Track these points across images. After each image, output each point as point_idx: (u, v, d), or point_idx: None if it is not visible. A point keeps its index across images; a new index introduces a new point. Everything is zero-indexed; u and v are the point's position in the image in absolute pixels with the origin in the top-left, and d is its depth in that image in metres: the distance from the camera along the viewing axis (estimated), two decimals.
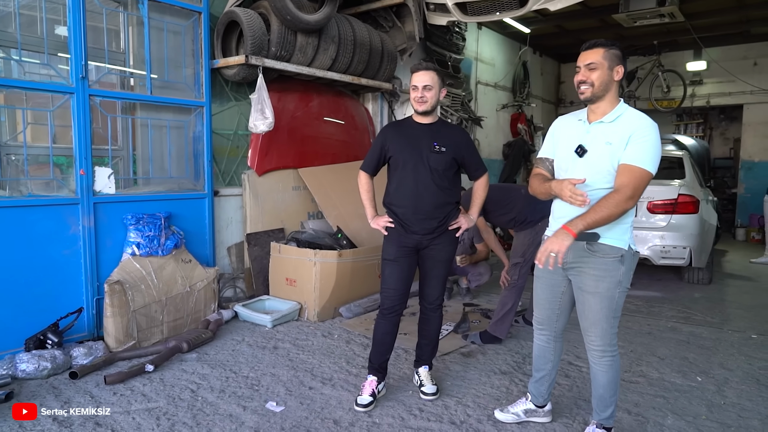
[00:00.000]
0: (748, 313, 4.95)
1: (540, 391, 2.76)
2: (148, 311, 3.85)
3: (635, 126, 2.24)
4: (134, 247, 3.92)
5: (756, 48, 10.04)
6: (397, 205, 3.00)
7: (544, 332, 2.67)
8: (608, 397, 2.47)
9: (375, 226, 3.08)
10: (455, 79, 7.83)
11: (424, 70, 2.92)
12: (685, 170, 5.95)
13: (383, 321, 3.04)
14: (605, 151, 2.27)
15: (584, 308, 2.41)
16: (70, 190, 3.76)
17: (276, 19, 4.58)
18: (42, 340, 3.45)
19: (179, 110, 4.44)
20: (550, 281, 2.56)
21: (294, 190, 5.35)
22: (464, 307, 4.91)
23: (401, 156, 2.97)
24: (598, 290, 2.34)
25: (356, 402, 2.95)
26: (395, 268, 3.01)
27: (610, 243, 2.31)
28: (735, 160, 11.44)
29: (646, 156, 2.20)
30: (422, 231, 2.96)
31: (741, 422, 2.85)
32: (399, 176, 2.99)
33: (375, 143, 3.11)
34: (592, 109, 2.36)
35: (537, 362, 2.75)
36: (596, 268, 2.33)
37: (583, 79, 2.29)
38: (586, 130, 2.37)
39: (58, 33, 3.76)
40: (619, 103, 2.33)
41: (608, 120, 2.30)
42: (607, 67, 2.27)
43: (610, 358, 2.41)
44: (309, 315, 4.51)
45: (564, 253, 2.23)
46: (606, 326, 2.37)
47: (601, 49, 2.28)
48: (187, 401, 3.00)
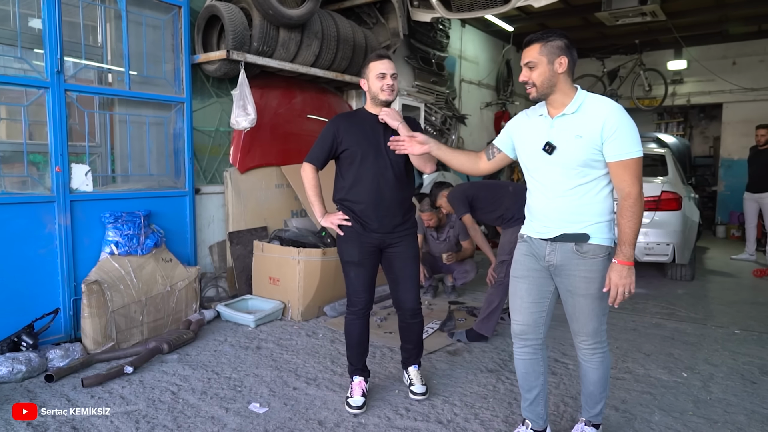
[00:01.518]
0: (730, 309, 4.98)
1: (537, 413, 2.45)
2: (128, 312, 3.75)
3: (603, 115, 2.10)
4: (113, 246, 3.82)
5: (735, 47, 10.17)
6: (355, 201, 2.83)
7: (529, 342, 2.38)
8: (598, 394, 2.40)
9: (327, 224, 2.89)
10: (439, 77, 7.80)
11: (387, 58, 2.80)
12: (667, 167, 5.98)
13: (357, 321, 2.93)
14: (576, 145, 2.14)
15: (575, 311, 2.29)
16: (46, 187, 3.65)
17: (258, 13, 4.51)
18: (16, 342, 3.34)
19: (159, 106, 4.34)
20: (536, 282, 2.34)
21: (277, 188, 5.28)
22: (450, 305, 4.88)
23: (359, 149, 2.80)
24: (590, 291, 2.23)
25: (349, 404, 2.86)
26: (361, 271, 2.86)
27: (598, 243, 2.20)
28: (715, 158, 11.59)
29: (629, 143, 2.10)
30: (384, 229, 2.83)
31: (727, 417, 2.85)
32: (356, 171, 2.82)
33: (324, 134, 2.89)
34: (549, 102, 2.23)
35: (525, 381, 2.43)
36: (587, 270, 2.21)
37: (525, 79, 2.19)
38: (549, 125, 2.22)
39: (32, 26, 3.65)
40: (576, 92, 2.19)
41: (570, 111, 2.16)
42: (547, 62, 2.13)
43: (602, 354, 2.34)
44: (293, 314, 4.45)
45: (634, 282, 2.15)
46: (597, 324, 2.29)
47: (537, 45, 2.15)
48: (168, 403, 2.92)
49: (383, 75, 2.76)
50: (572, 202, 2.20)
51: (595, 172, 2.17)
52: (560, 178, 2.20)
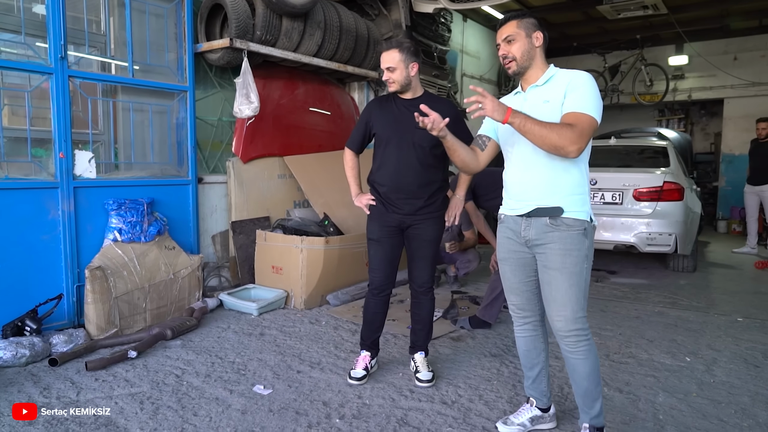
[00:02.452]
0: (733, 298, 4.98)
1: (541, 390, 2.48)
2: (131, 298, 3.76)
3: (569, 78, 2.18)
4: (116, 232, 3.82)
5: (736, 42, 10.16)
6: (380, 183, 2.95)
7: (528, 319, 2.42)
8: (593, 389, 2.26)
9: (358, 203, 3.05)
10: (441, 71, 7.80)
11: (386, 50, 2.87)
12: (669, 159, 5.98)
13: (373, 300, 3.03)
14: (544, 109, 2.17)
15: (551, 288, 2.21)
16: (49, 173, 3.65)
17: (261, 2, 4.51)
18: (20, 326, 3.34)
19: (162, 95, 4.34)
20: (519, 261, 2.35)
21: (279, 178, 5.28)
22: (452, 295, 4.88)
23: (385, 133, 2.93)
24: (566, 266, 2.17)
25: (350, 375, 2.97)
26: (378, 248, 2.98)
27: (573, 216, 2.18)
28: (716, 154, 11.58)
29: (587, 102, 2.09)
30: (404, 211, 2.91)
31: (731, 398, 2.85)
32: (382, 154, 2.94)
33: (360, 119, 3.08)
34: (525, 78, 2.31)
35: (527, 358, 2.47)
36: (561, 243, 2.18)
37: (504, 53, 2.26)
38: (523, 98, 2.30)
39: (36, 12, 3.65)
40: (549, 67, 2.28)
41: (542, 82, 2.25)
42: (525, 35, 2.24)
43: (586, 342, 2.21)
44: (296, 303, 4.45)
45: (491, 110, 2.06)
46: (576, 307, 2.18)
47: (514, 21, 2.27)
48: (172, 386, 2.92)
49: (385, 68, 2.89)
50: (544, 175, 2.20)
51: None
52: (531, 149, 2.20)
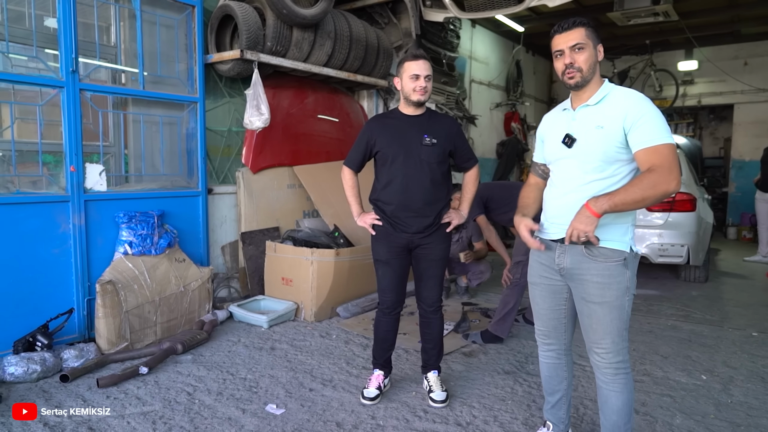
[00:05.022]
0: (746, 311, 4.93)
1: (559, 417, 2.43)
2: (141, 312, 3.74)
3: (628, 105, 1.98)
4: (126, 246, 3.81)
5: (746, 48, 10.09)
6: (386, 202, 2.87)
7: (552, 346, 2.35)
8: (623, 425, 2.14)
9: (361, 223, 2.97)
10: (450, 77, 7.77)
11: (423, 59, 2.79)
12: (681, 169, 5.92)
13: (384, 318, 3.00)
14: (597, 136, 2.01)
15: (591, 321, 2.11)
16: (60, 187, 3.64)
17: (271, 13, 4.49)
18: (31, 342, 3.34)
19: (172, 106, 4.33)
20: (550, 288, 2.26)
21: (289, 188, 5.26)
22: (463, 307, 4.85)
23: (389, 150, 2.83)
24: (605, 299, 2.05)
25: (363, 395, 2.94)
26: (387, 269, 2.92)
27: (611, 246, 2.03)
28: (725, 159, 11.51)
29: (657, 131, 1.93)
30: (413, 230, 2.84)
31: (750, 421, 2.81)
32: (387, 172, 2.85)
33: (360, 137, 2.97)
34: (577, 94, 2.11)
35: (549, 384, 2.41)
36: (600, 275, 2.05)
37: (571, 62, 2.03)
38: (571, 117, 2.12)
39: (47, 25, 3.64)
40: (603, 83, 2.10)
41: (593, 102, 2.06)
42: (593, 46, 2.04)
43: (624, 376, 2.11)
44: (306, 315, 4.42)
45: (584, 229, 1.95)
46: (618, 339, 2.08)
47: (582, 28, 2.02)
48: (184, 404, 2.90)
49: (417, 76, 2.77)
50: (584, 200, 2.00)
51: (615, 168, 2.03)
52: (576, 171, 2.08)
